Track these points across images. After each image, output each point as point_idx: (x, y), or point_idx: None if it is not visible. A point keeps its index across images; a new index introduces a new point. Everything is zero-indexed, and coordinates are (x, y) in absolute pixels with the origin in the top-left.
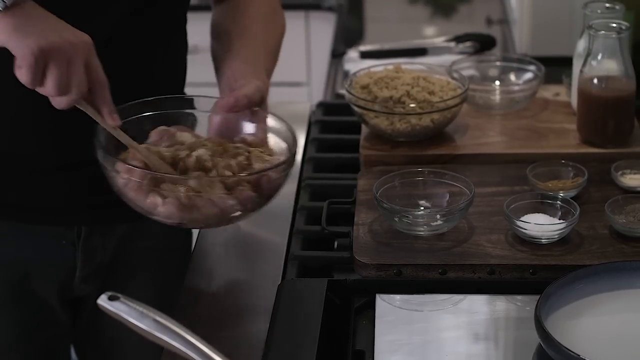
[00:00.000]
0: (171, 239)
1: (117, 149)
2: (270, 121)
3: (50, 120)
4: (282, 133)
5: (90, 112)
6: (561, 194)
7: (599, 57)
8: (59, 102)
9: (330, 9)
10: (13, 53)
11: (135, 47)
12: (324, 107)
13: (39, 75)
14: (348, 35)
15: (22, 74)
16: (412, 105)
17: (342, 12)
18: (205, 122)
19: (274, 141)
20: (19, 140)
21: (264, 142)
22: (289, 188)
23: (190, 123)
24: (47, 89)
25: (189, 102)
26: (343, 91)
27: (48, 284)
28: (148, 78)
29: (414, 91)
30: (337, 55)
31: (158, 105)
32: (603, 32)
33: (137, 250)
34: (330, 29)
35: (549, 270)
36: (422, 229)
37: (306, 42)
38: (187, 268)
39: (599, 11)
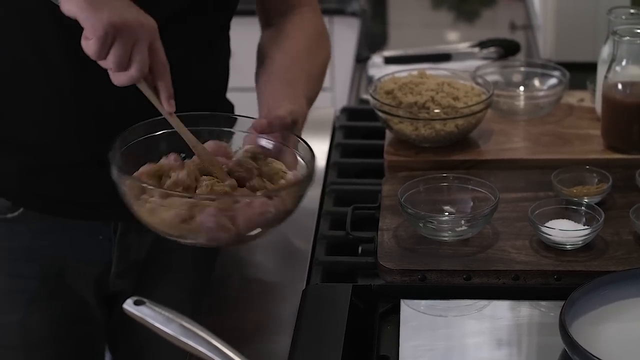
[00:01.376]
0: None
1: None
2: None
3: (94, 116)
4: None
5: (148, 94)
6: (586, 200)
7: (624, 63)
8: (119, 78)
9: (353, 14)
10: (83, 25)
11: (173, 53)
12: (348, 112)
13: (106, 48)
14: (372, 40)
15: (90, 45)
16: (436, 110)
17: (365, 17)
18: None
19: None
20: (63, 134)
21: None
22: (314, 193)
23: (226, 140)
24: (109, 62)
25: (229, 121)
26: (367, 96)
27: (84, 279)
28: (188, 83)
29: (439, 97)
30: (361, 60)
31: (195, 122)
32: (628, 37)
33: (171, 249)
34: (354, 34)
35: (573, 276)
36: (446, 234)
37: None
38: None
39: (623, 17)
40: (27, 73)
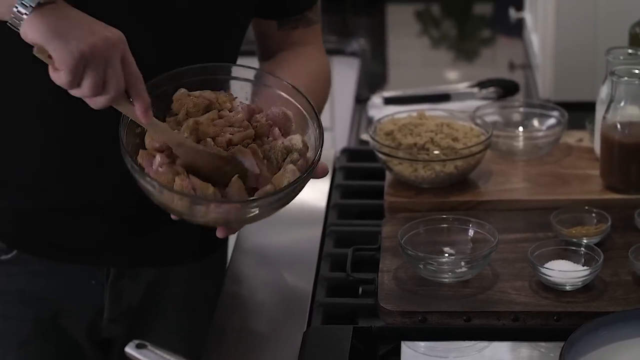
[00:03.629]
0: (199, 286)
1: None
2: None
3: (90, 162)
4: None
5: (125, 110)
6: (585, 241)
7: (622, 103)
8: (96, 102)
9: (353, 54)
10: (52, 55)
11: None
12: (348, 153)
13: (78, 78)
14: (371, 80)
15: (60, 77)
16: (436, 152)
17: (365, 57)
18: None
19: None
20: (60, 179)
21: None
22: (314, 234)
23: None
24: (84, 90)
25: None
26: (367, 137)
27: (77, 323)
28: None
29: (438, 138)
30: (360, 100)
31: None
32: (626, 78)
33: (165, 296)
34: (354, 74)
35: (573, 317)
36: (446, 275)
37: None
38: (213, 314)
39: (621, 57)
40: (26, 119)
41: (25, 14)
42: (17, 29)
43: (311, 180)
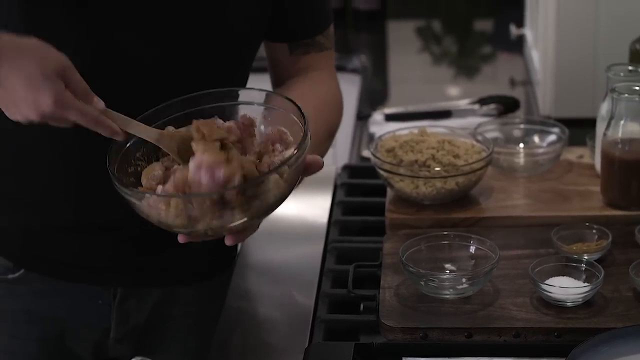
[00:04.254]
0: (206, 306)
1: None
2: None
3: (96, 181)
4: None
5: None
6: (585, 257)
7: (622, 119)
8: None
9: (354, 70)
10: None
11: None
12: (350, 169)
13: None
14: (373, 96)
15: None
16: (437, 168)
17: (366, 73)
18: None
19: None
20: (66, 196)
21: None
22: (315, 251)
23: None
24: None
25: (232, 95)
26: (368, 154)
27: (83, 342)
28: None
29: (439, 155)
30: (362, 117)
31: (198, 102)
32: (626, 95)
33: (171, 315)
34: (355, 90)
35: (574, 333)
36: (447, 292)
37: None
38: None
39: (621, 74)
40: (32, 138)
41: None
42: None
43: (313, 196)
